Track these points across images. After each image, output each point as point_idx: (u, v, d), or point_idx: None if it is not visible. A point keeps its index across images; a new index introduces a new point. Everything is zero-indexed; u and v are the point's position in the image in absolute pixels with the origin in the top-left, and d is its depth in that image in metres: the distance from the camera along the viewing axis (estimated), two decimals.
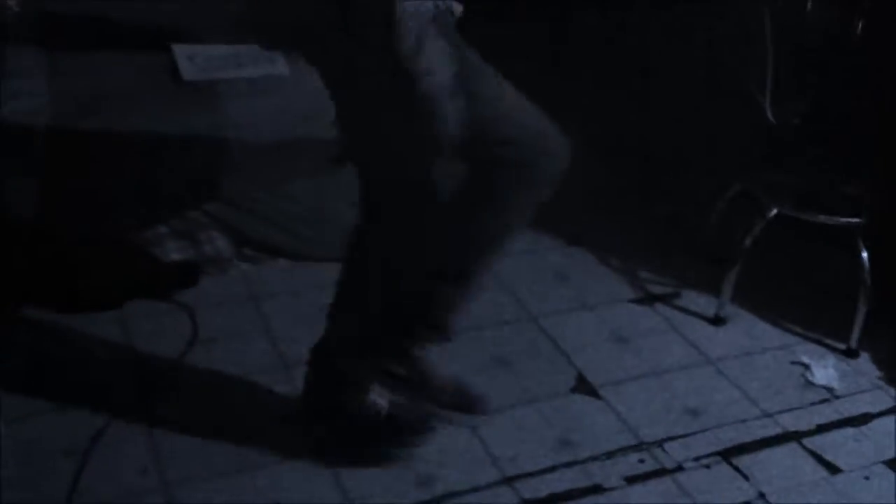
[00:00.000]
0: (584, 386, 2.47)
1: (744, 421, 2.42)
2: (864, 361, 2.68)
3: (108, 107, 2.80)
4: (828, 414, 2.47)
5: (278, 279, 2.87)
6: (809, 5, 2.86)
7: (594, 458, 2.24)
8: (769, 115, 2.72)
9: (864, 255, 2.65)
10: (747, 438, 2.36)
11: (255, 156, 2.96)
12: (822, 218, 2.73)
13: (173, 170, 2.83)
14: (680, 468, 2.24)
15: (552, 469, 2.21)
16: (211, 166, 2.91)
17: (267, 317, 2.69)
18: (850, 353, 2.69)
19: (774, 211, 2.73)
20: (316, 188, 3.01)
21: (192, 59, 3.09)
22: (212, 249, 2.87)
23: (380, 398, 2.23)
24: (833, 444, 2.36)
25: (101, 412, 2.25)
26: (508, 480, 2.17)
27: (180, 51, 3.10)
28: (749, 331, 2.77)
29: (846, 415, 2.47)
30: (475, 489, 2.14)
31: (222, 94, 2.96)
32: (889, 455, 2.34)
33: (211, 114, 2.91)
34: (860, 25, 2.83)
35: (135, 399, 2.31)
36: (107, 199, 2.73)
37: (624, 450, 2.29)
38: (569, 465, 2.23)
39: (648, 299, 2.88)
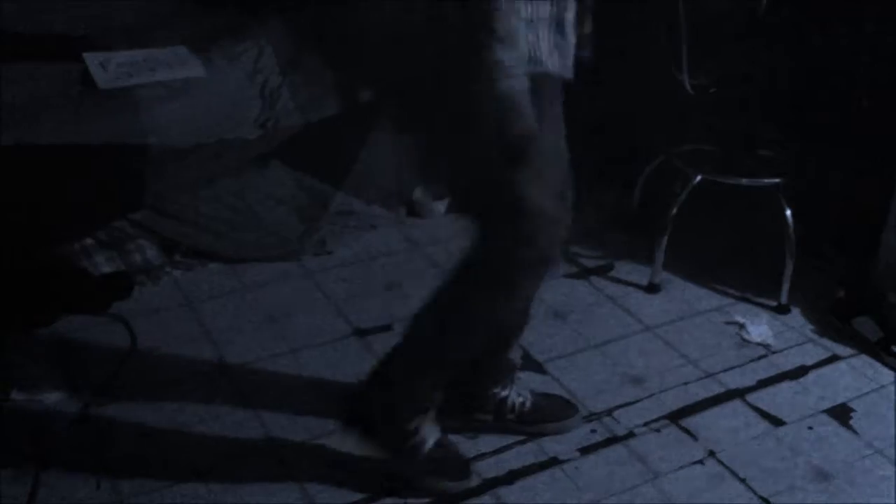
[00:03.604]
0: (529, 363, 2.50)
1: (687, 383, 2.47)
2: (796, 316, 2.75)
3: (24, 120, 2.72)
4: (766, 369, 2.54)
5: (212, 283, 2.84)
6: None
7: (539, 435, 2.27)
8: (687, 86, 2.78)
9: (788, 213, 2.73)
10: (692, 400, 2.41)
11: (178, 160, 2.92)
12: (743, 181, 2.81)
13: (96, 180, 2.77)
14: (631, 434, 2.28)
15: (508, 447, 2.23)
16: (134, 174, 2.86)
17: (204, 322, 2.66)
18: (782, 310, 2.77)
19: (698, 177, 2.80)
20: (242, 188, 2.99)
21: (104, 66, 3.02)
22: (141, 258, 2.82)
23: (428, 433, 2.13)
24: (774, 398, 2.43)
25: (46, 432, 2.21)
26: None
27: (92, 58, 3.02)
28: (683, 296, 2.84)
29: (784, 369, 2.54)
30: None
31: (140, 100, 2.90)
32: (828, 404, 2.41)
33: (130, 120, 2.85)
34: None
35: (80, 415, 2.27)
36: (31, 215, 2.65)
37: None
38: (523, 441, 2.25)
39: (583, 274, 2.92)
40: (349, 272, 2.93)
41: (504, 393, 2.25)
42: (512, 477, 2.15)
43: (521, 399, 2.26)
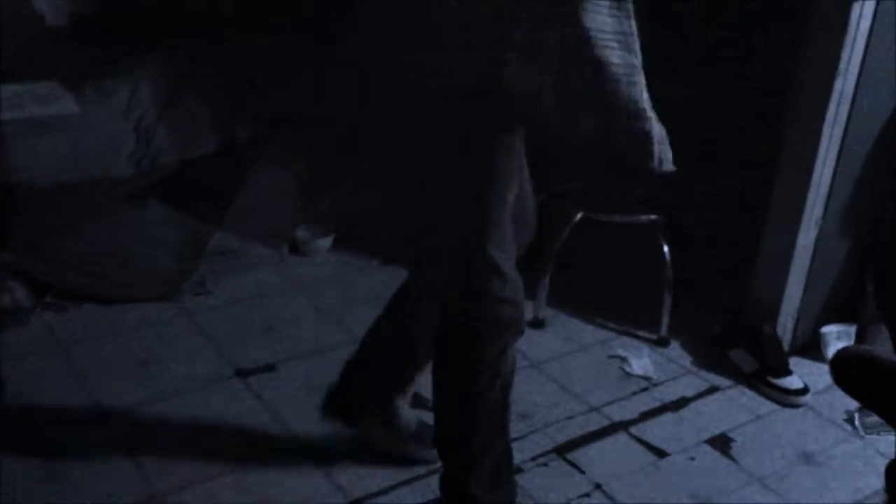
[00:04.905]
0: (418, 402, 2.47)
1: (572, 417, 2.49)
2: (675, 349, 2.81)
3: None
4: (648, 402, 2.57)
5: (86, 325, 2.74)
6: None
7: (434, 472, 2.24)
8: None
9: (665, 249, 2.80)
10: (578, 433, 2.43)
11: (48, 198, 2.82)
12: (622, 218, 2.86)
13: None
14: (519, 469, 2.27)
15: (394, 487, 2.21)
16: (0, 213, 2.74)
17: (78, 366, 2.56)
18: (662, 342, 2.82)
19: (579, 215, 2.84)
20: (118, 227, 2.89)
21: None
22: (10, 300, 2.70)
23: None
24: (657, 430, 2.46)
25: None
26: (355, 503, 2.15)
27: None
28: (567, 331, 2.87)
29: (665, 401, 2.58)
30: None
31: (6, 137, 2.80)
32: (708, 435, 2.46)
33: None
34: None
35: None
36: None
37: None
38: (410, 480, 2.22)
39: None
40: (230, 312, 2.86)
41: (400, 404, 2.26)
42: None
43: (409, 417, 2.28)
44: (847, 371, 2.17)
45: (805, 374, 2.67)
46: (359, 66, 1.87)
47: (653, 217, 2.84)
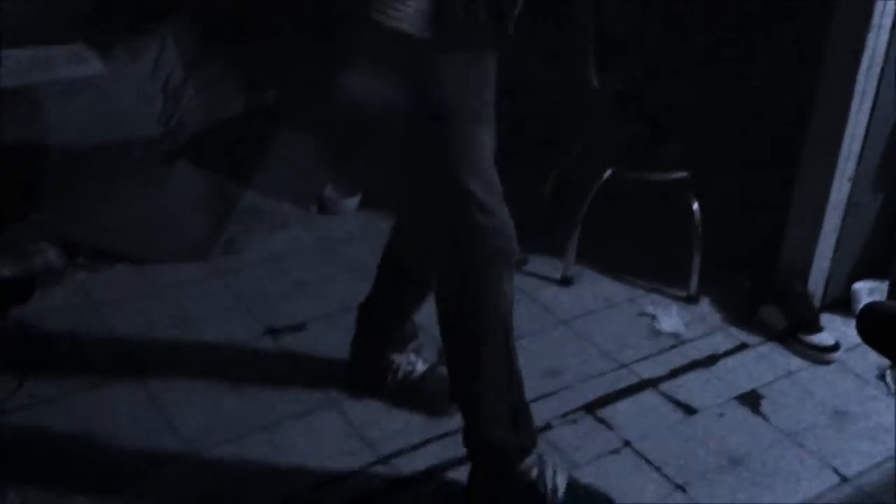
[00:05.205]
0: (443, 357, 2.48)
1: (602, 374, 2.49)
2: (705, 306, 2.81)
3: None
4: (678, 359, 2.57)
5: (118, 285, 2.77)
6: None
7: None
8: (594, 83, 2.80)
9: (695, 205, 2.78)
10: (607, 390, 2.44)
11: (77, 160, 2.83)
12: (652, 175, 2.84)
13: None
14: (548, 426, 2.29)
15: (425, 443, 2.22)
16: (33, 174, 2.76)
17: (111, 325, 2.59)
18: (691, 300, 2.81)
19: (608, 172, 2.82)
20: (148, 188, 2.91)
21: None
22: (43, 261, 2.73)
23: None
24: (686, 387, 2.47)
25: None
26: (384, 459, 2.17)
27: None
28: (596, 288, 2.86)
29: (695, 358, 2.58)
30: (352, 473, 2.14)
31: (37, 99, 2.81)
32: (738, 391, 2.46)
33: (27, 119, 2.75)
34: None
35: None
36: None
37: None
38: (442, 436, 2.24)
39: None
40: (260, 271, 2.88)
41: (399, 359, 2.34)
42: (428, 473, 2.14)
43: (409, 368, 2.35)
44: (873, 326, 2.15)
45: (836, 330, 2.66)
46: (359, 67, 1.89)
47: (682, 174, 2.81)
